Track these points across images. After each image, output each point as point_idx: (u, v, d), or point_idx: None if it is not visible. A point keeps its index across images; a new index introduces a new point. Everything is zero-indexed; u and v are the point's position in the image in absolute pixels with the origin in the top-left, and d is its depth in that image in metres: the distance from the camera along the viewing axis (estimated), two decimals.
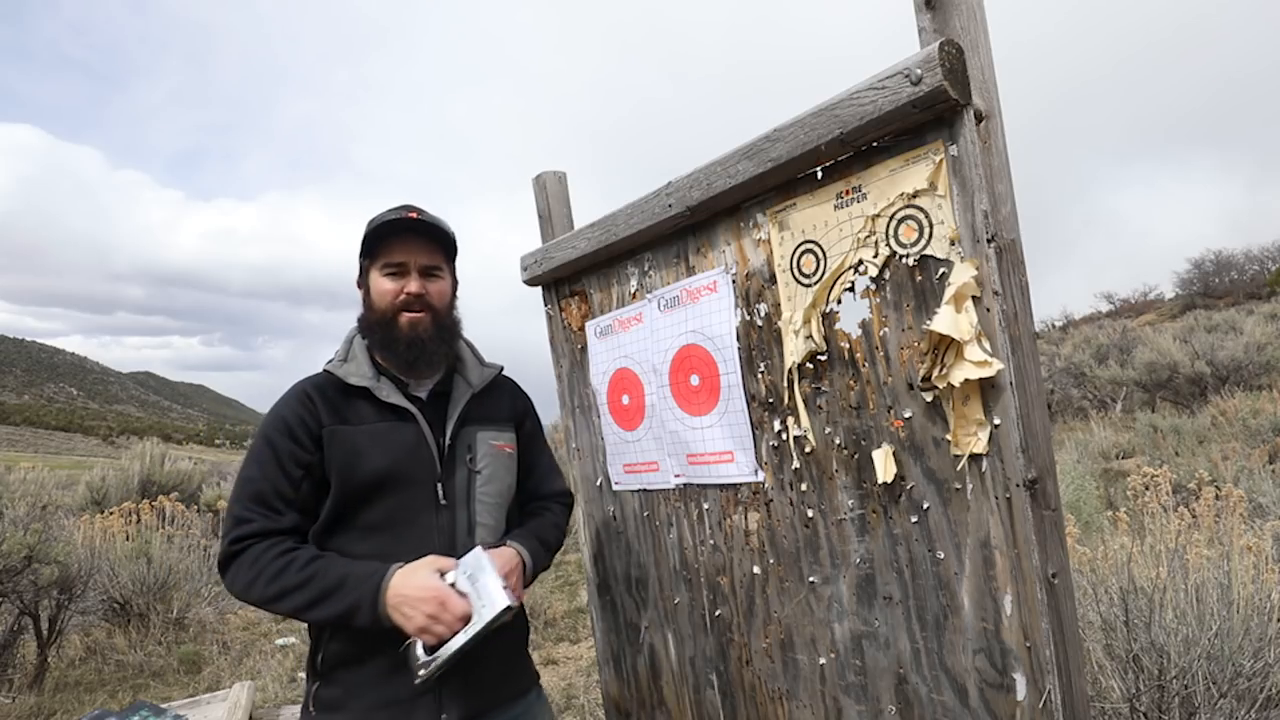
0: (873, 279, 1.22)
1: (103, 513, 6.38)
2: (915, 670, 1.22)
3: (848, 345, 1.27)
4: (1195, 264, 25.83)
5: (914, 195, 1.14)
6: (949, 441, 1.14)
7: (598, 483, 1.88)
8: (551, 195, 1.98)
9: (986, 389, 1.09)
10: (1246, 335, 12.47)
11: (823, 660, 1.36)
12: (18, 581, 4.25)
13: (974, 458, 1.12)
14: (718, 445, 1.52)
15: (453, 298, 1.56)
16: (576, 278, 1.88)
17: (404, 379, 1.49)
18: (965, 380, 1.09)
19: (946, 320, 1.09)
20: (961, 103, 1.06)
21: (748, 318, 1.43)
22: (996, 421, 1.08)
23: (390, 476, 1.39)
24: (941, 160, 1.10)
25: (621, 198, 1.69)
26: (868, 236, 1.21)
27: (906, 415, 1.20)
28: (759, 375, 1.42)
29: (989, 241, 1.07)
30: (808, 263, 1.31)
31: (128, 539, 5.67)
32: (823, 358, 1.31)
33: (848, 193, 1.24)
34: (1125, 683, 2.24)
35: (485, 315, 1.65)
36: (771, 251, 1.37)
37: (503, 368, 1.66)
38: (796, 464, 1.37)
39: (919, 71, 1.05)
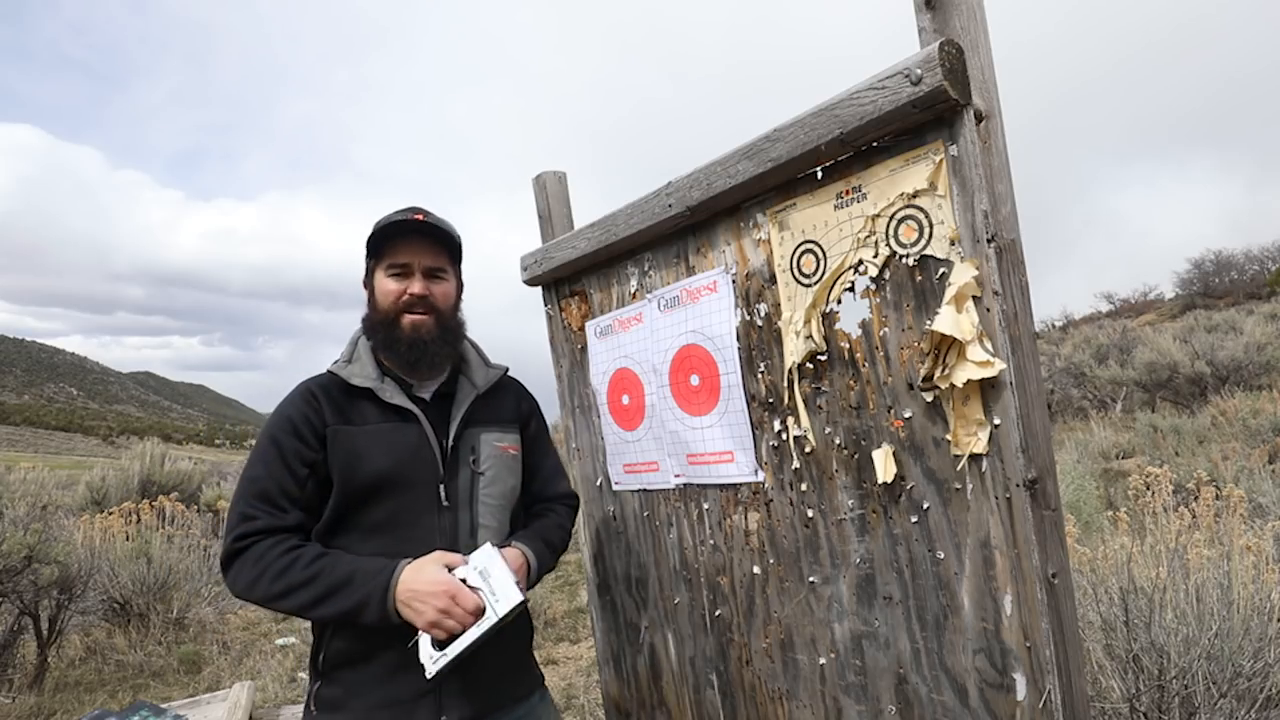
0: (873, 279, 1.22)
1: (103, 513, 6.38)
2: (915, 670, 1.22)
3: (848, 345, 1.27)
4: (1195, 264, 25.85)
5: (914, 195, 1.14)
6: (949, 441, 1.14)
7: (598, 483, 1.88)
8: (551, 195, 1.98)
9: (987, 389, 1.09)
10: (1246, 335, 12.46)
11: (823, 660, 1.36)
12: (18, 581, 4.25)
13: (974, 458, 1.12)
14: (718, 445, 1.52)
15: (457, 299, 1.55)
16: (576, 278, 1.88)
17: (408, 380, 1.49)
18: (966, 380, 1.09)
19: (948, 320, 1.09)
20: (961, 103, 1.06)
21: (748, 318, 1.43)
22: (996, 421, 1.08)
23: (392, 477, 1.39)
24: (941, 160, 1.10)
25: (621, 198, 1.69)
26: (868, 236, 1.21)
27: (906, 415, 1.20)
28: (759, 375, 1.42)
29: (989, 241, 1.07)
30: (808, 263, 1.31)
31: (128, 539, 5.67)
32: (823, 358, 1.31)
33: (848, 193, 1.24)
34: (1125, 683, 2.24)
35: (485, 315, 1.65)
36: (771, 251, 1.37)
37: (508, 369, 1.66)
38: (796, 464, 1.37)
39: (919, 71, 1.05)
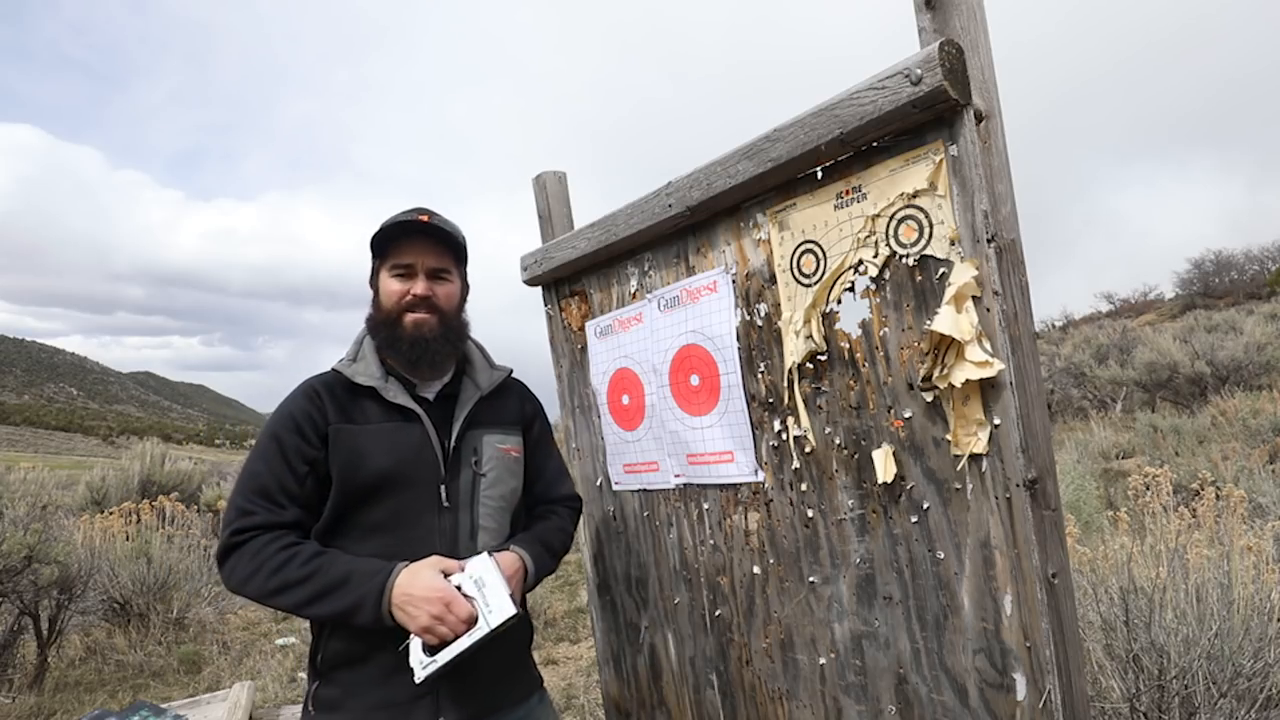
0: (873, 279, 1.22)
1: (103, 513, 6.37)
2: (915, 670, 1.22)
3: (848, 345, 1.27)
4: (1195, 264, 25.84)
5: (914, 195, 1.14)
6: (949, 441, 1.14)
7: (598, 483, 1.88)
8: (551, 195, 1.98)
9: (986, 389, 1.09)
10: (1246, 335, 12.46)
11: (823, 660, 1.36)
12: (18, 581, 4.25)
13: (974, 458, 1.12)
14: (718, 445, 1.52)
15: (461, 301, 1.55)
16: (576, 278, 1.88)
17: (411, 379, 1.49)
18: (966, 380, 1.09)
19: (947, 320, 1.09)
20: (961, 103, 1.06)
21: (748, 318, 1.43)
22: (996, 421, 1.08)
23: (393, 477, 1.39)
24: (941, 160, 1.10)
25: (621, 198, 1.69)
26: (868, 236, 1.21)
27: (906, 415, 1.20)
28: (759, 375, 1.42)
29: (989, 241, 1.07)
30: (808, 263, 1.31)
31: (128, 539, 5.67)
32: (823, 358, 1.31)
33: (848, 193, 1.24)
34: (1125, 683, 2.24)
35: (485, 315, 1.64)
36: (771, 251, 1.37)
37: (512, 370, 1.66)
38: (796, 464, 1.37)
39: (919, 71, 1.05)
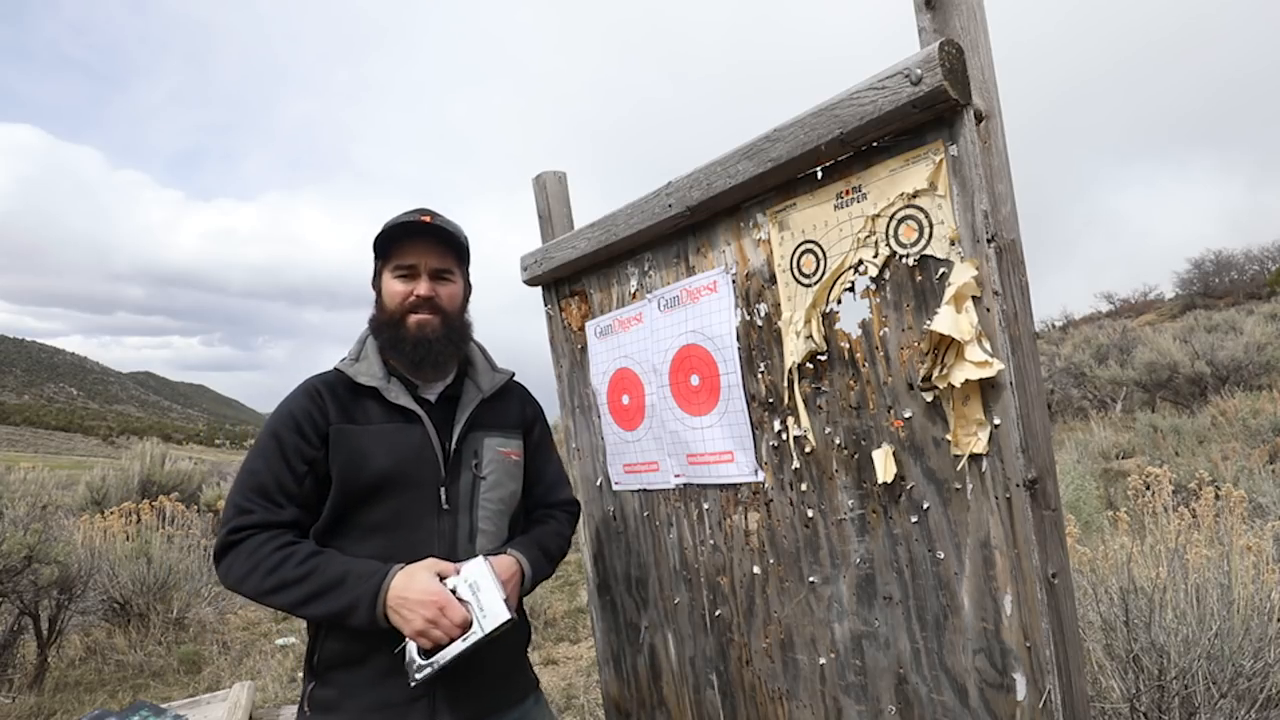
0: (873, 279, 1.22)
1: (103, 513, 6.37)
2: (915, 670, 1.22)
3: (848, 345, 1.27)
4: (1195, 264, 25.83)
5: (914, 195, 1.14)
6: (949, 441, 1.14)
7: (598, 483, 1.88)
8: (551, 195, 1.98)
9: (986, 389, 1.09)
10: (1246, 335, 12.46)
11: (823, 660, 1.36)
12: (18, 581, 4.25)
13: (974, 458, 1.12)
14: (718, 445, 1.52)
15: (464, 301, 1.55)
16: (576, 278, 1.88)
17: (414, 381, 1.49)
18: (965, 380, 1.09)
19: (947, 320, 1.09)
20: (961, 103, 1.06)
21: (748, 318, 1.43)
22: (996, 421, 1.08)
23: (393, 478, 1.39)
24: (941, 160, 1.10)
25: (621, 198, 1.69)
26: (868, 236, 1.21)
27: (906, 415, 1.20)
28: (759, 375, 1.42)
29: (989, 241, 1.07)
30: (808, 263, 1.31)
31: (128, 539, 5.67)
32: (823, 358, 1.31)
33: (848, 193, 1.24)
34: (1125, 683, 2.24)
35: (485, 315, 1.64)
36: (771, 251, 1.37)
37: (514, 374, 1.66)
38: (796, 464, 1.37)
39: (919, 71, 1.05)
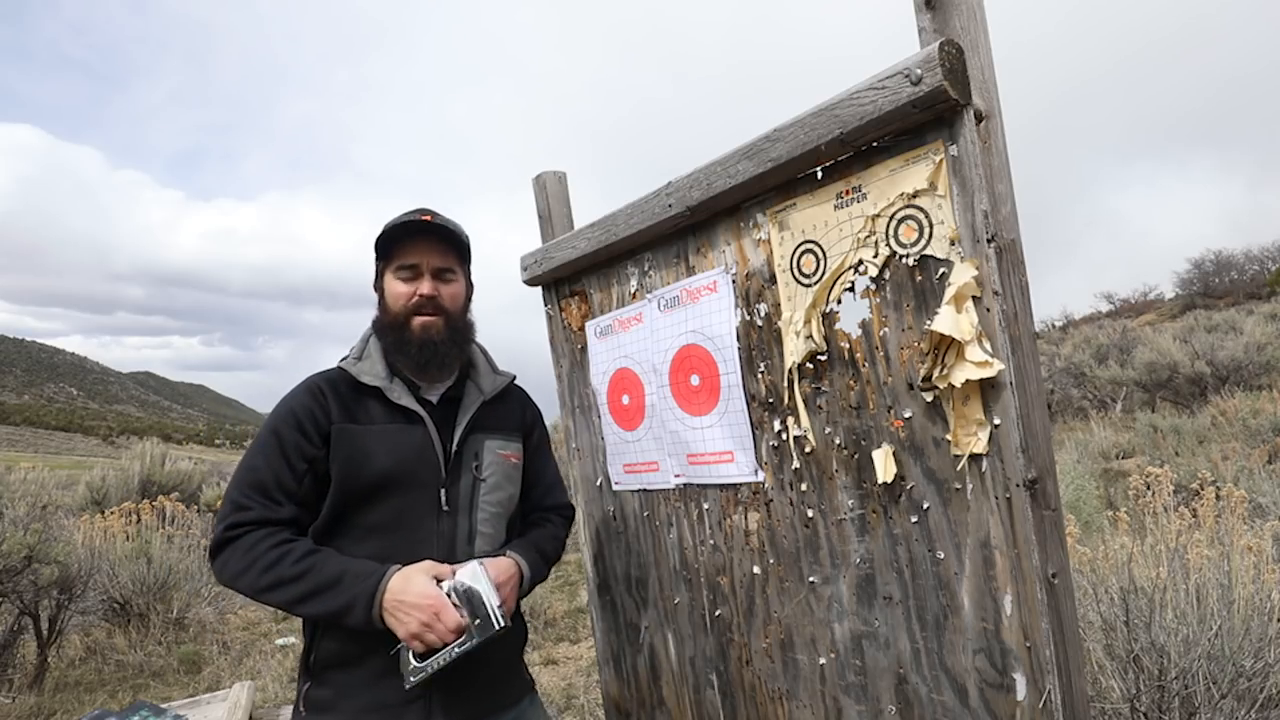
0: (873, 279, 1.22)
1: (103, 513, 6.37)
2: (915, 670, 1.22)
3: (848, 345, 1.27)
4: (1195, 264, 25.83)
5: (914, 195, 1.14)
6: (949, 441, 1.14)
7: (598, 483, 1.88)
8: (551, 195, 1.98)
9: (986, 389, 1.09)
10: (1246, 335, 12.46)
11: (823, 660, 1.36)
12: (18, 581, 4.25)
13: (974, 458, 1.12)
14: (718, 445, 1.52)
15: (466, 301, 1.55)
16: (576, 278, 1.88)
17: (416, 381, 1.49)
18: (966, 380, 1.09)
19: (947, 320, 1.09)
20: (961, 103, 1.06)
21: (748, 318, 1.43)
22: (996, 421, 1.08)
23: (394, 478, 1.39)
24: (941, 160, 1.10)
25: (621, 198, 1.69)
26: (868, 236, 1.21)
27: (906, 415, 1.20)
28: (759, 375, 1.42)
29: (989, 241, 1.07)
30: (808, 263, 1.31)
31: (128, 539, 5.67)
32: (823, 358, 1.31)
33: (848, 193, 1.24)
34: (1125, 683, 2.24)
35: (485, 315, 1.65)
36: (771, 251, 1.37)
37: (515, 376, 1.66)
38: (796, 464, 1.37)
39: (919, 71, 1.05)
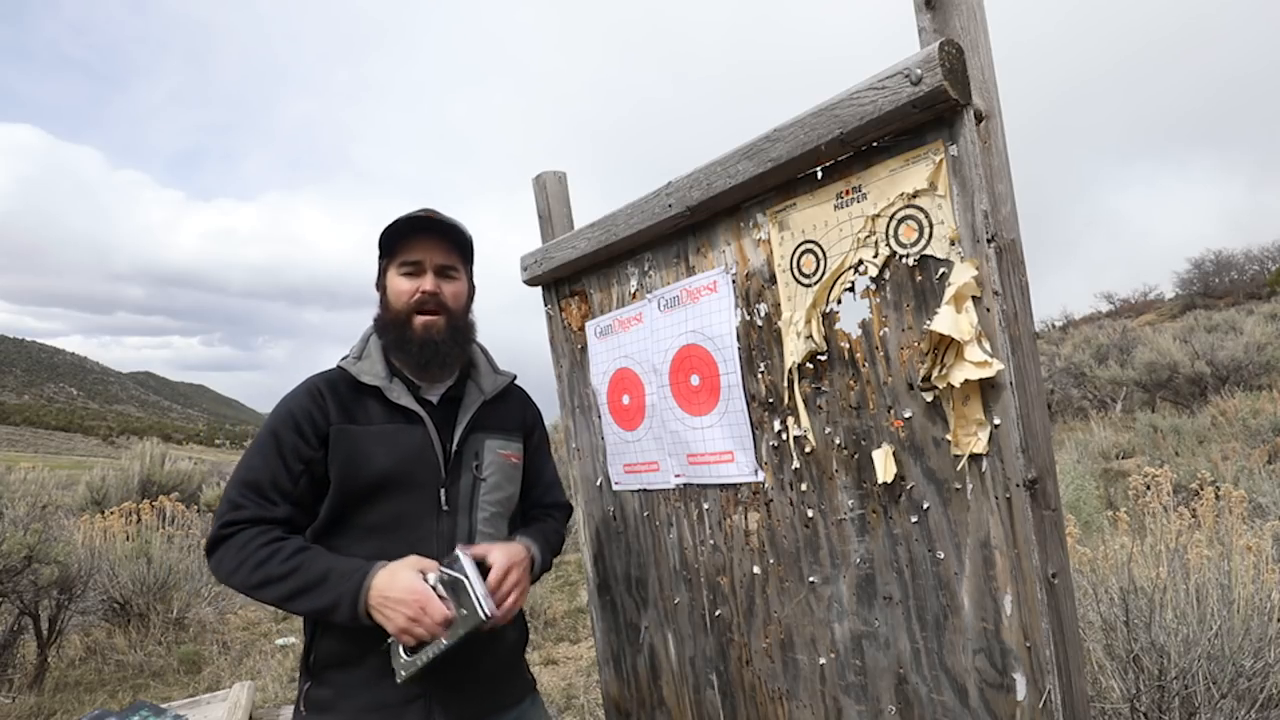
0: (873, 279, 1.22)
1: (103, 513, 6.37)
2: (915, 670, 1.22)
3: (848, 345, 1.27)
4: (1195, 264, 25.83)
5: (914, 195, 1.14)
6: (949, 441, 1.14)
7: (598, 483, 1.88)
8: (551, 195, 1.98)
9: (986, 389, 1.09)
10: (1246, 335, 12.46)
11: (823, 660, 1.36)
12: (18, 581, 4.25)
13: (974, 458, 1.12)
14: (718, 445, 1.52)
15: (468, 301, 1.56)
16: (576, 278, 1.88)
17: (416, 381, 1.49)
18: (965, 380, 1.09)
19: (947, 320, 1.09)
20: (961, 103, 1.06)
21: (748, 318, 1.43)
22: (996, 421, 1.08)
23: (393, 478, 1.39)
24: (941, 160, 1.10)
25: (621, 198, 1.69)
26: (868, 236, 1.21)
27: (906, 415, 1.20)
28: (759, 375, 1.42)
29: (989, 241, 1.07)
30: (808, 263, 1.31)
31: (128, 539, 5.67)
32: (823, 358, 1.31)
33: (848, 193, 1.24)
34: (1125, 683, 2.24)
35: (485, 315, 1.65)
36: (771, 251, 1.37)
37: (515, 376, 1.66)
38: (796, 464, 1.37)
39: (919, 71, 1.05)
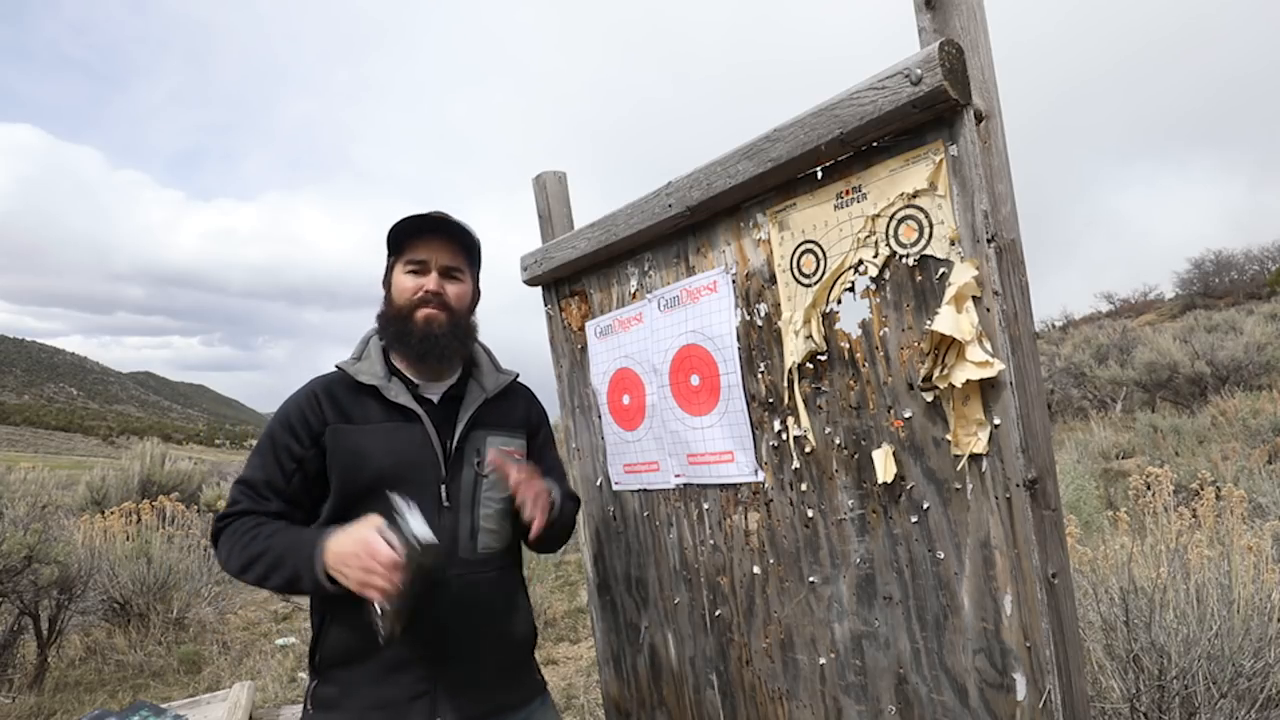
0: (873, 279, 1.22)
1: (103, 513, 6.37)
2: (915, 670, 1.22)
3: (848, 345, 1.27)
4: (1195, 264, 25.83)
5: (914, 195, 1.14)
6: (949, 441, 1.14)
7: (598, 483, 1.88)
8: (551, 195, 1.98)
9: (986, 389, 1.09)
10: (1246, 335, 12.46)
11: (823, 660, 1.36)
12: (18, 581, 4.25)
13: (974, 458, 1.12)
14: (718, 445, 1.52)
15: (472, 303, 1.56)
16: (576, 278, 1.88)
17: (415, 380, 1.50)
18: (966, 380, 1.09)
19: (948, 320, 1.09)
20: (961, 103, 1.06)
21: (748, 318, 1.43)
22: (996, 421, 1.08)
23: (392, 476, 1.39)
24: (941, 160, 1.10)
25: (621, 198, 1.68)
26: (868, 236, 1.21)
27: (906, 415, 1.20)
28: (759, 375, 1.42)
29: (989, 241, 1.07)
30: (808, 263, 1.31)
31: (128, 539, 5.66)
32: (823, 358, 1.31)
33: (848, 193, 1.24)
34: (1125, 683, 2.24)
35: (485, 315, 1.65)
36: (771, 251, 1.37)
37: (518, 375, 1.67)
38: (796, 464, 1.37)
39: (919, 71, 1.05)
